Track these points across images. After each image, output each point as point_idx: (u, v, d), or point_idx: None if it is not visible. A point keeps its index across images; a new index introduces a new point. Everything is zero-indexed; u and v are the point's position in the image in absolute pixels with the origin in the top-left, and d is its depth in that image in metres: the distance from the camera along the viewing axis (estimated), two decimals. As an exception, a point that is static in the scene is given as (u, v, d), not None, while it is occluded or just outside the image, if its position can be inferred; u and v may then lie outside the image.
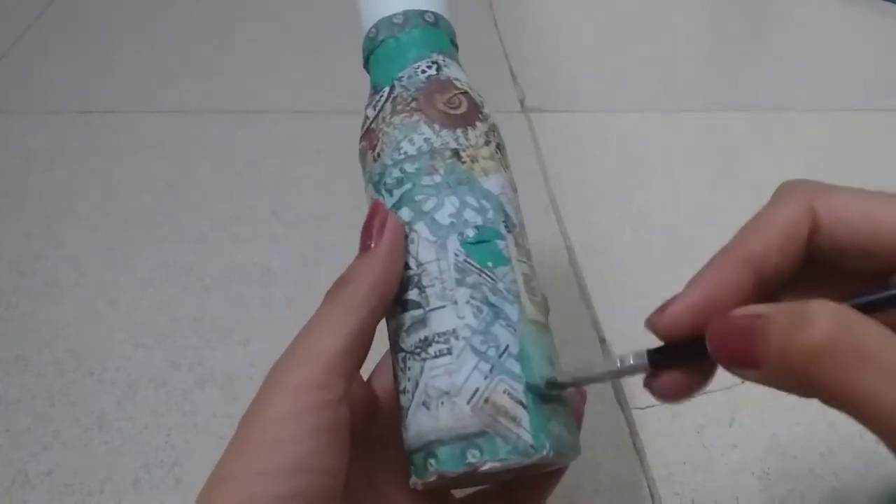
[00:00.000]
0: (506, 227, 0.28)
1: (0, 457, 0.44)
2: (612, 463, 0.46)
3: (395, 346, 0.26)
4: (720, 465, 0.46)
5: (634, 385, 0.51)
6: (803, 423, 0.48)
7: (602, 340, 0.54)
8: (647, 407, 0.49)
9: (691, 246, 0.62)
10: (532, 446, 0.24)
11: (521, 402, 0.24)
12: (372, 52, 0.31)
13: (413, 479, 0.25)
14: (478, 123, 0.30)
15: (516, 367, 0.25)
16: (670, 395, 0.22)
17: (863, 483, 0.45)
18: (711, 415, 0.49)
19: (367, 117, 0.30)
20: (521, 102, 0.81)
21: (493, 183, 0.28)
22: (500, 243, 0.27)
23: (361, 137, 0.30)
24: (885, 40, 1.01)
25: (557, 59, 0.92)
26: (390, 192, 0.28)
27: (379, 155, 0.28)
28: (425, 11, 0.31)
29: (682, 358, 0.22)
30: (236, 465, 0.21)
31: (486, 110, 0.31)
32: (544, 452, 0.24)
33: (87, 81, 0.81)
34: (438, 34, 0.32)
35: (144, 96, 0.79)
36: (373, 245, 0.26)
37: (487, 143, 0.29)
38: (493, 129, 0.31)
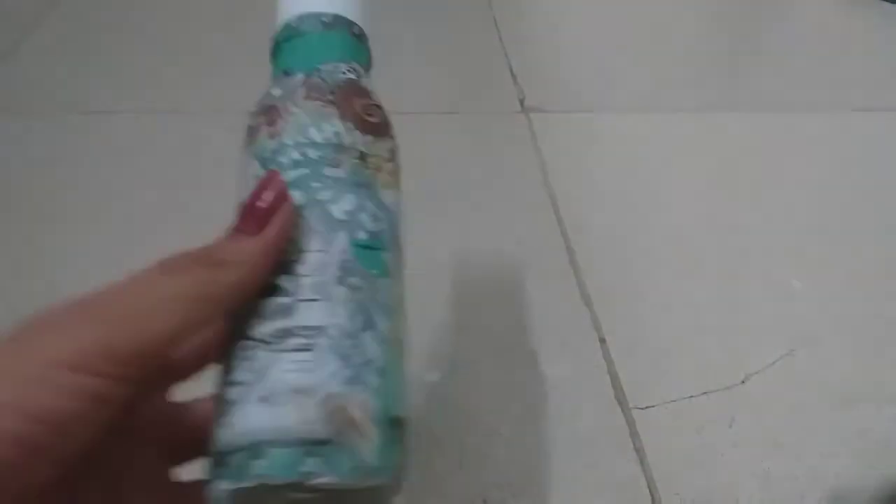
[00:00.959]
0: (393, 244, 0.27)
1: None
2: (612, 463, 0.46)
3: (238, 333, 0.23)
4: (720, 465, 0.46)
5: (634, 385, 0.51)
6: (803, 423, 0.48)
7: (602, 340, 0.54)
8: (647, 407, 0.49)
9: (691, 246, 0.63)
10: (376, 468, 0.22)
11: (374, 419, 0.22)
12: (290, 39, 0.30)
13: (220, 484, 0.21)
14: (386, 139, 0.29)
15: (377, 383, 0.23)
16: None
17: (863, 483, 0.45)
18: (711, 415, 0.49)
19: (270, 94, 0.28)
20: (521, 102, 0.81)
21: (390, 198, 0.28)
22: (387, 256, 0.26)
23: (256, 113, 0.28)
24: (885, 40, 1.01)
25: (557, 59, 0.92)
26: (283, 171, 0.25)
27: (278, 133, 0.26)
28: (354, 24, 0.31)
29: None
30: None
31: (393, 132, 0.31)
32: (384, 477, 0.22)
33: (87, 81, 0.81)
34: (361, 49, 0.32)
35: (144, 96, 0.79)
36: (255, 230, 0.22)
37: (390, 160, 0.29)
38: (396, 150, 0.30)
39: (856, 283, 0.60)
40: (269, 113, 0.27)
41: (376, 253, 0.26)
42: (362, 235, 0.25)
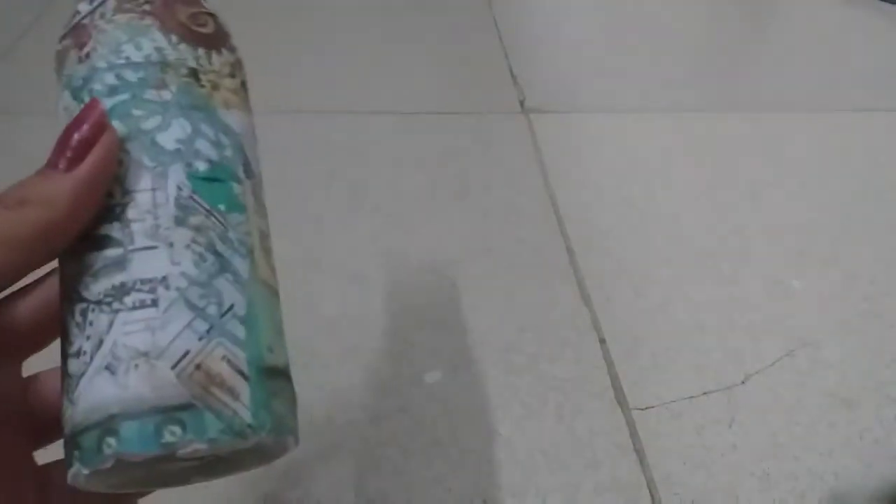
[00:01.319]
0: (245, 171, 0.23)
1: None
2: (612, 463, 0.46)
3: (70, 295, 0.21)
4: (720, 465, 0.46)
5: (634, 385, 0.51)
6: (803, 423, 0.48)
7: (602, 341, 0.54)
8: (647, 408, 0.49)
9: (691, 246, 0.63)
10: (250, 426, 0.20)
11: (241, 373, 0.20)
12: None
13: (76, 469, 0.19)
14: (224, 51, 0.25)
15: (240, 332, 0.21)
16: None
17: (863, 483, 0.45)
18: (711, 415, 0.49)
19: (77, 12, 0.24)
20: (521, 102, 0.81)
21: (234, 119, 0.24)
22: (237, 187, 0.23)
23: (64, 36, 0.24)
24: (885, 40, 1.01)
25: (557, 59, 0.92)
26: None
27: (88, 55, 0.23)
28: None
29: None
30: None
31: (234, 43, 0.26)
32: (263, 434, 0.20)
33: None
34: None
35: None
36: (67, 166, 0.20)
37: (232, 75, 0.25)
38: (239, 64, 0.26)
39: (856, 283, 0.60)
40: (77, 34, 0.24)
41: (222, 185, 0.22)
42: (201, 166, 0.22)
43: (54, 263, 0.21)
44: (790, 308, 0.57)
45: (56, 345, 0.21)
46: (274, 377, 0.21)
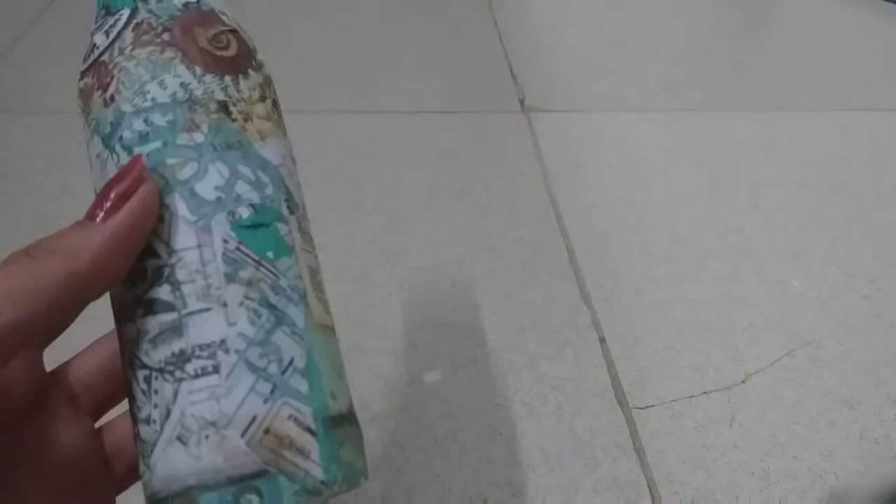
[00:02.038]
0: (288, 207, 0.22)
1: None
2: (612, 463, 0.46)
3: (132, 360, 0.20)
4: (720, 465, 0.46)
5: (634, 385, 0.51)
6: (803, 423, 0.48)
7: (602, 340, 0.54)
8: (647, 407, 0.49)
9: (691, 246, 0.63)
10: (323, 482, 0.20)
11: (309, 430, 0.20)
12: None
13: None
14: (251, 72, 0.23)
15: (303, 386, 0.20)
16: None
17: (863, 483, 0.45)
18: (711, 415, 0.49)
19: (94, 45, 0.22)
20: (521, 102, 0.81)
21: (271, 151, 0.22)
22: (282, 228, 0.22)
23: (85, 71, 0.23)
24: (885, 40, 1.01)
25: (557, 59, 0.92)
26: (129, 150, 0.21)
27: (112, 98, 0.21)
28: None
29: None
30: None
31: (259, 57, 0.24)
32: (335, 488, 0.20)
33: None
34: None
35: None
36: (101, 217, 0.19)
37: (263, 98, 0.23)
38: (268, 82, 0.24)
39: (856, 283, 0.60)
40: (98, 72, 0.22)
41: (267, 229, 0.21)
42: (244, 213, 0.21)
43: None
44: (790, 308, 0.57)
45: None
46: (339, 424, 0.21)
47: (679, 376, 0.51)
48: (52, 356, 0.22)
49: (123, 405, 0.22)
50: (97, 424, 0.23)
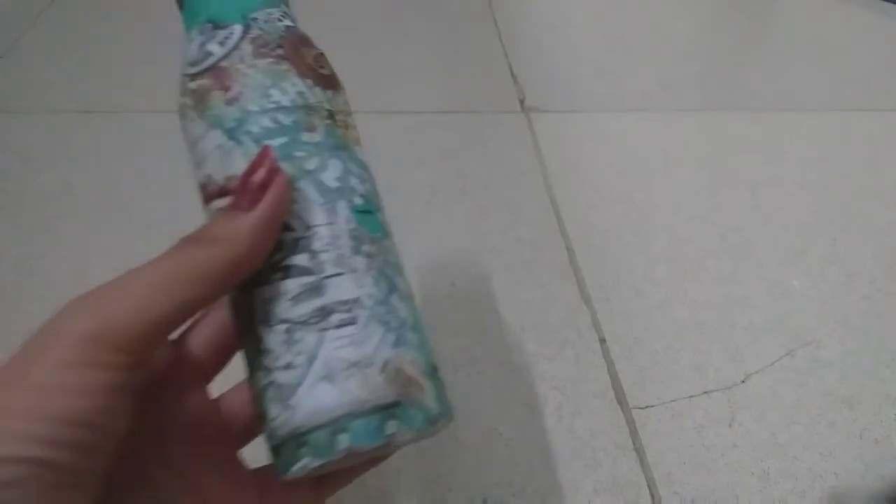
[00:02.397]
0: (379, 202, 0.27)
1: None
2: (612, 463, 0.46)
3: (267, 318, 0.23)
4: (720, 465, 0.46)
5: (634, 385, 0.51)
6: (803, 423, 0.48)
7: (602, 340, 0.54)
8: (647, 407, 0.49)
9: (691, 246, 0.63)
10: (440, 414, 0.24)
11: (424, 374, 0.24)
12: None
13: (305, 462, 0.22)
14: (340, 91, 0.27)
15: (414, 340, 0.24)
16: None
17: (863, 483, 0.45)
18: (711, 415, 0.49)
19: (210, 53, 0.25)
20: (521, 102, 0.81)
21: (363, 155, 0.27)
22: (381, 216, 0.26)
23: (198, 74, 0.25)
24: (885, 40, 1.01)
25: (557, 59, 0.92)
26: (258, 142, 0.24)
27: (237, 98, 0.24)
28: None
29: None
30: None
31: (340, 81, 0.29)
32: (446, 420, 0.24)
33: (87, 81, 0.81)
34: None
35: (144, 96, 0.79)
36: (247, 206, 0.22)
37: (349, 113, 0.27)
38: (348, 101, 0.28)
39: (856, 283, 0.60)
40: (216, 75, 0.25)
41: (373, 216, 0.25)
42: (358, 201, 0.25)
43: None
44: (790, 308, 0.57)
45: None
46: (438, 373, 0.25)
47: (679, 376, 0.51)
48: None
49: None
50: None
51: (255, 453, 0.26)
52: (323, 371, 0.22)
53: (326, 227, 0.24)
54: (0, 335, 0.51)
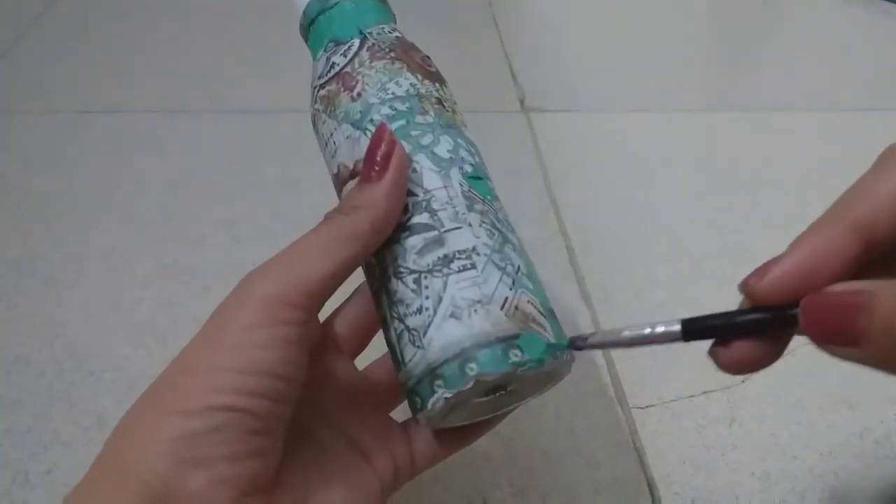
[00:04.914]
0: (486, 171, 0.30)
1: (0, 457, 0.44)
2: (612, 463, 0.46)
3: (398, 272, 0.26)
4: (720, 465, 0.46)
5: (634, 384, 0.51)
6: (803, 423, 0.48)
7: (602, 340, 0.54)
8: (647, 407, 0.49)
9: (691, 246, 0.63)
10: (559, 346, 0.26)
11: (541, 312, 0.26)
12: (325, 12, 0.33)
13: (438, 395, 0.25)
14: (446, 84, 0.32)
15: (529, 284, 0.27)
16: (738, 367, 0.25)
17: (863, 483, 0.45)
18: (711, 415, 0.49)
19: (334, 64, 0.31)
20: (521, 102, 0.81)
21: (470, 135, 0.31)
22: (490, 183, 0.29)
23: (326, 83, 0.31)
24: (885, 40, 1.01)
25: (557, 59, 0.92)
26: None
27: (360, 94, 0.29)
28: None
29: (732, 329, 0.23)
30: (205, 360, 0.22)
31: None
32: (567, 355, 0.27)
33: (87, 81, 0.81)
34: (389, 11, 0.35)
35: (144, 96, 0.79)
36: (376, 176, 0.26)
37: (455, 102, 0.32)
38: (452, 93, 0.33)
39: (856, 283, 0.60)
40: (344, 79, 0.30)
41: (482, 182, 0.29)
42: (468, 168, 0.28)
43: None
44: (790, 308, 0.57)
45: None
46: (555, 316, 0.28)
47: (679, 376, 0.51)
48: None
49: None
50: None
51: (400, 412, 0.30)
52: (449, 310, 0.25)
53: (443, 189, 0.27)
54: (0, 335, 0.51)
